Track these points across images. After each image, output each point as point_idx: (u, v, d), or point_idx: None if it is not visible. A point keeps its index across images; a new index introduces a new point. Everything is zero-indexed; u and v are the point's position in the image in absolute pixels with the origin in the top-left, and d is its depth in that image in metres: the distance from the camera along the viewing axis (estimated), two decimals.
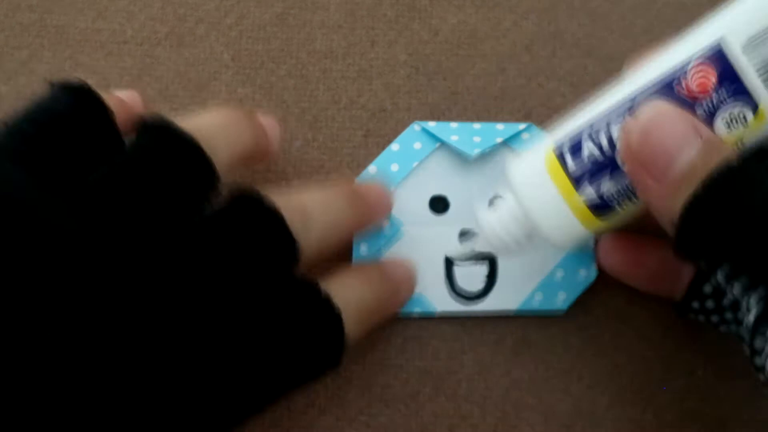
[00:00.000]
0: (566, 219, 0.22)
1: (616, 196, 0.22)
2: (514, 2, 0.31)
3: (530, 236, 0.24)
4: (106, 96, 0.23)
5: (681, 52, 0.20)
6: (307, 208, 0.24)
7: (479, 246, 0.28)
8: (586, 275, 0.28)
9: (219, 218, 0.22)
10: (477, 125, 0.29)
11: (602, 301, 0.28)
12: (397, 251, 0.28)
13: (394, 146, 0.29)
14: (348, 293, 0.24)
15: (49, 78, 0.23)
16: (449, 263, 0.28)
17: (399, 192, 0.29)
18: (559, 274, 0.28)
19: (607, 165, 0.21)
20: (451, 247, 0.28)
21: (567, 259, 0.28)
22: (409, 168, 0.29)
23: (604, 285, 0.28)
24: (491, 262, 0.28)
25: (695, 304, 0.25)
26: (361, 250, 0.28)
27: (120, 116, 0.23)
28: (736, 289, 0.17)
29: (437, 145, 0.29)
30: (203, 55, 0.30)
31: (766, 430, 0.27)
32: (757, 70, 0.19)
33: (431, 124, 0.29)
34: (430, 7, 0.31)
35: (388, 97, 0.30)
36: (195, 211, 0.22)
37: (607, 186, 0.21)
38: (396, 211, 0.28)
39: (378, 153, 0.29)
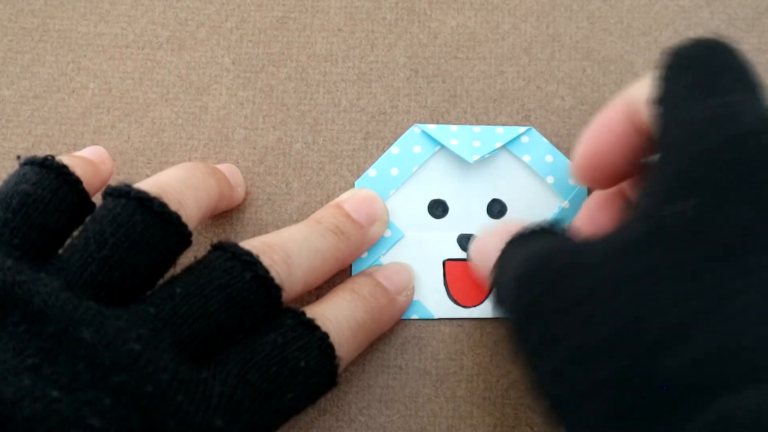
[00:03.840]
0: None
1: None
2: (513, 5, 0.31)
3: None
4: (71, 161, 0.24)
5: None
6: (289, 250, 0.24)
7: None
8: None
9: (197, 275, 0.22)
10: (477, 128, 0.29)
11: None
12: (396, 256, 0.28)
13: (394, 149, 0.29)
14: (339, 313, 0.24)
15: (19, 154, 0.24)
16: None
17: (398, 196, 0.29)
18: None
19: None
20: (450, 252, 0.28)
21: None
22: (409, 172, 0.29)
23: None
24: None
25: None
26: (361, 255, 0.28)
27: (87, 177, 0.24)
28: None
29: (437, 148, 0.29)
30: (204, 59, 0.31)
31: None
32: None
33: (431, 127, 0.29)
34: (429, 10, 0.31)
35: (388, 99, 0.30)
36: (167, 268, 0.23)
37: None
38: (395, 216, 0.28)
39: (378, 155, 0.29)
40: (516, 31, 0.31)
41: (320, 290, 0.27)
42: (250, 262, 0.22)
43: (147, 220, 0.22)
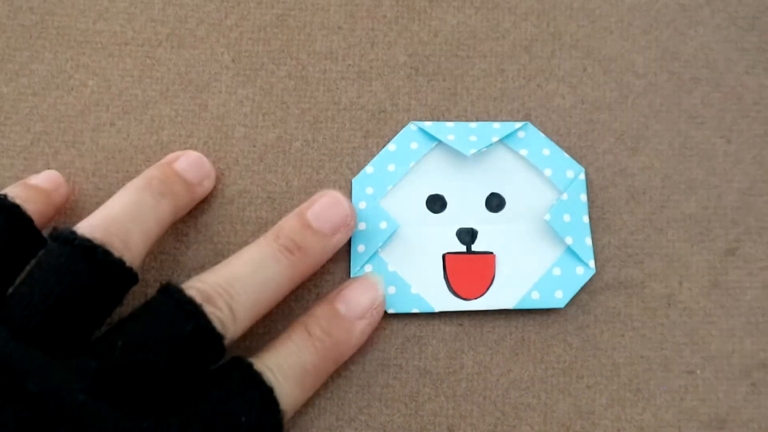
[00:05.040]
0: None
1: None
2: (514, 3, 0.31)
3: None
4: (24, 194, 0.25)
5: None
6: (235, 290, 0.23)
7: (477, 245, 0.28)
8: (583, 273, 0.28)
9: (141, 324, 0.22)
10: (473, 124, 0.29)
11: (601, 300, 0.28)
12: (395, 251, 0.28)
13: (391, 146, 0.29)
14: (288, 361, 0.24)
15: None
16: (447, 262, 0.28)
17: (396, 192, 0.29)
18: (557, 271, 0.28)
19: None
20: (450, 246, 0.28)
21: (564, 257, 0.28)
22: (406, 168, 0.29)
23: (603, 285, 0.28)
24: None
25: None
26: (359, 250, 0.28)
27: (40, 210, 0.25)
28: None
29: (434, 144, 0.29)
30: (204, 57, 0.30)
31: (766, 430, 0.27)
32: None
33: (428, 124, 0.29)
34: (430, 8, 0.31)
35: (388, 98, 0.30)
36: (114, 308, 0.23)
37: None
38: (393, 211, 0.28)
39: (378, 154, 0.29)
40: (516, 29, 0.31)
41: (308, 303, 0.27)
42: (193, 312, 0.22)
43: (91, 269, 0.22)
